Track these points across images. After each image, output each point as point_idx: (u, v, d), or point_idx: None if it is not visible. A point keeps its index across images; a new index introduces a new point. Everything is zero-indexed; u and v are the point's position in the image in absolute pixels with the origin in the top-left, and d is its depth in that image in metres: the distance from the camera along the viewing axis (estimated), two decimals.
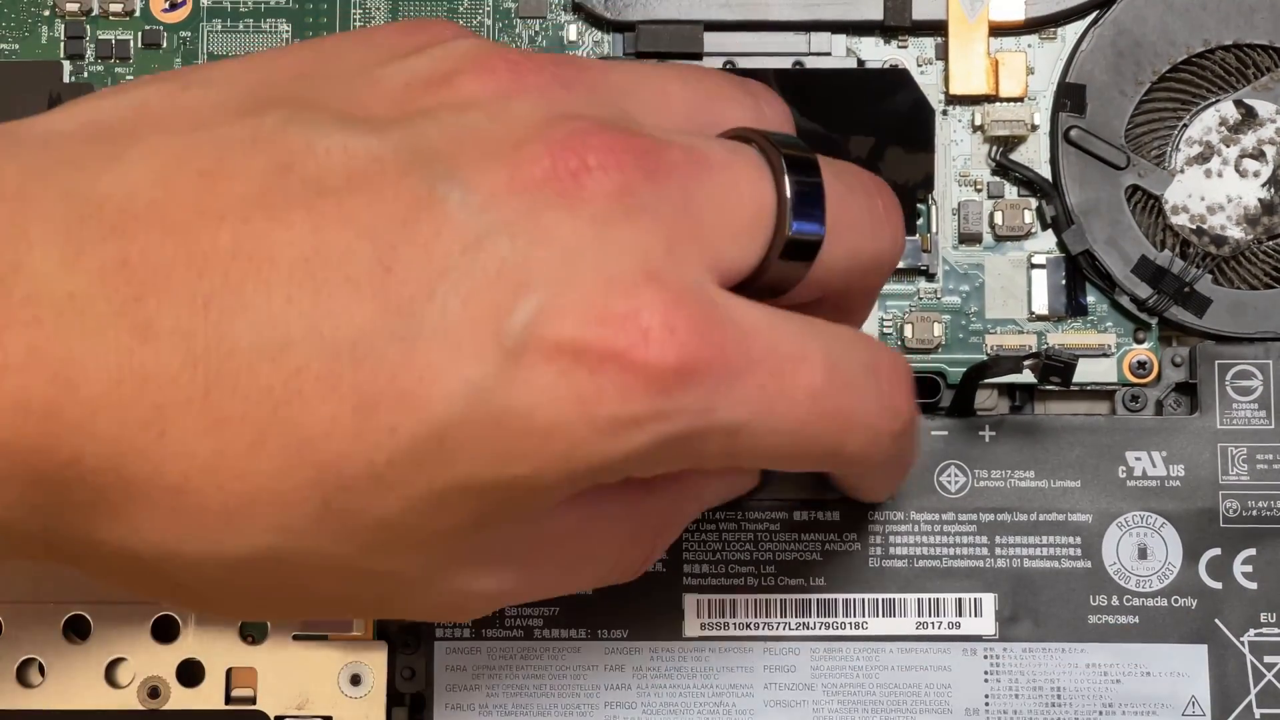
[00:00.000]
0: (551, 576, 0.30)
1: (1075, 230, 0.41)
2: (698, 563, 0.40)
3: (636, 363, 0.26)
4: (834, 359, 0.29)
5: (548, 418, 0.26)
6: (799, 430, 0.28)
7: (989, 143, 0.42)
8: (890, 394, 0.30)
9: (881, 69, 0.41)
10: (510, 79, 0.28)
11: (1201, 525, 0.40)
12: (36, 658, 0.39)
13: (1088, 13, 0.41)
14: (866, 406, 0.30)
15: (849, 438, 0.29)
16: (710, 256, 0.28)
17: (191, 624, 0.39)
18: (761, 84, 0.32)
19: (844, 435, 0.29)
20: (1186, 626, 0.39)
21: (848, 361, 0.29)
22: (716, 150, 0.29)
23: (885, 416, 0.30)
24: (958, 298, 0.41)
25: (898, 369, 0.31)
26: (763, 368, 0.28)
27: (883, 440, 0.30)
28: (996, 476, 0.40)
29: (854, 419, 0.29)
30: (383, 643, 0.40)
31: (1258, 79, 0.41)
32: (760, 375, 0.27)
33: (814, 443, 0.29)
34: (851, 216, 0.30)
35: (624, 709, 0.40)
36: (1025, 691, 0.39)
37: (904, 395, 0.31)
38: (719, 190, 0.28)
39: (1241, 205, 0.40)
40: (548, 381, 0.26)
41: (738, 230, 0.28)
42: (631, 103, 0.30)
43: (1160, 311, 0.41)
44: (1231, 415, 0.40)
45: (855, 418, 0.29)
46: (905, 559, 0.40)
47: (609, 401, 0.26)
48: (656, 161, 0.28)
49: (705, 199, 0.28)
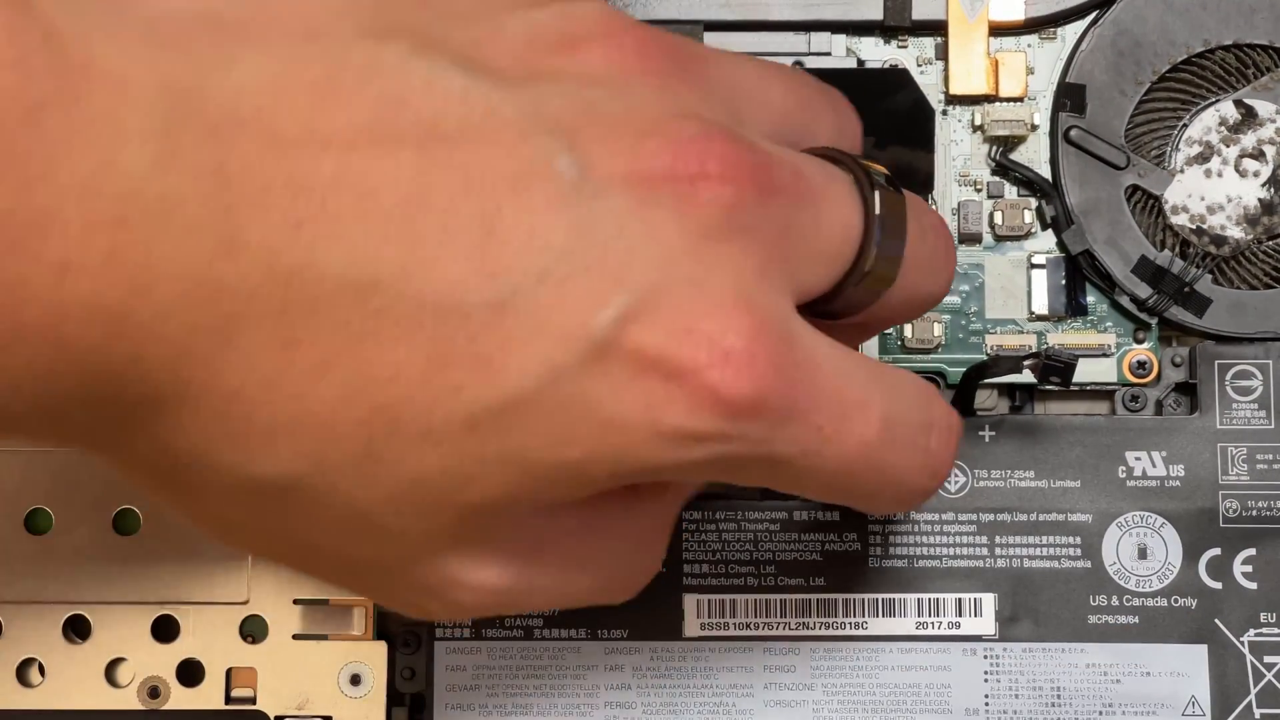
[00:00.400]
0: (547, 579, 0.30)
1: (1075, 230, 0.41)
2: (698, 563, 0.40)
3: (712, 384, 0.26)
4: (893, 413, 0.29)
5: (613, 414, 0.26)
6: (840, 474, 0.29)
7: (989, 143, 0.41)
8: (936, 455, 0.30)
9: (881, 69, 0.41)
10: (636, 59, 0.28)
11: (1201, 525, 0.40)
12: (36, 658, 0.39)
13: (1088, 13, 0.41)
14: (910, 464, 0.30)
15: (885, 490, 0.30)
16: (795, 281, 0.28)
17: (192, 624, 0.39)
18: (840, 94, 0.33)
19: (882, 488, 0.30)
20: (1186, 626, 0.39)
21: (905, 417, 0.29)
22: (817, 173, 0.29)
23: (924, 475, 0.30)
24: (958, 298, 0.41)
25: (951, 431, 0.31)
26: (825, 411, 0.28)
27: (915, 497, 0.31)
28: (996, 476, 0.40)
29: (895, 475, 0.30)
30: (383, 643, 0.40)
31: (1258, 79, 0.41)
32: (821, 418, 0.28)
33: (852, 488, 0.29)
34: (923, 255, 0.31)
35: (624, 709, 0.40)
36: (1025, 691, 0.39)
37: (948, 457, 0.31)
38: (816, 216, 0.28)
39: (1241, 205, 0.40)
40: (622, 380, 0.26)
41: (824, 257, 0.29)
42: (740, 101, 0.29)
43: (1160, 311, 0.41)
44: (1231, 415, 0.40)
45: (896, 474, 0.30)
46: (905, 559, 0.40)
47: (676, 414, 0.26)
48: (769, 180, 0.27)
49: (803, 223, 0.28)
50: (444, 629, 0.40)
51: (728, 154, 0.27)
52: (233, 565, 0.39)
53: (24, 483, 0.39)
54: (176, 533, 0.39)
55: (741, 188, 0.27)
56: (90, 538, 0.39)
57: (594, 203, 0.26)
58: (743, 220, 0.27)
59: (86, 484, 0.39)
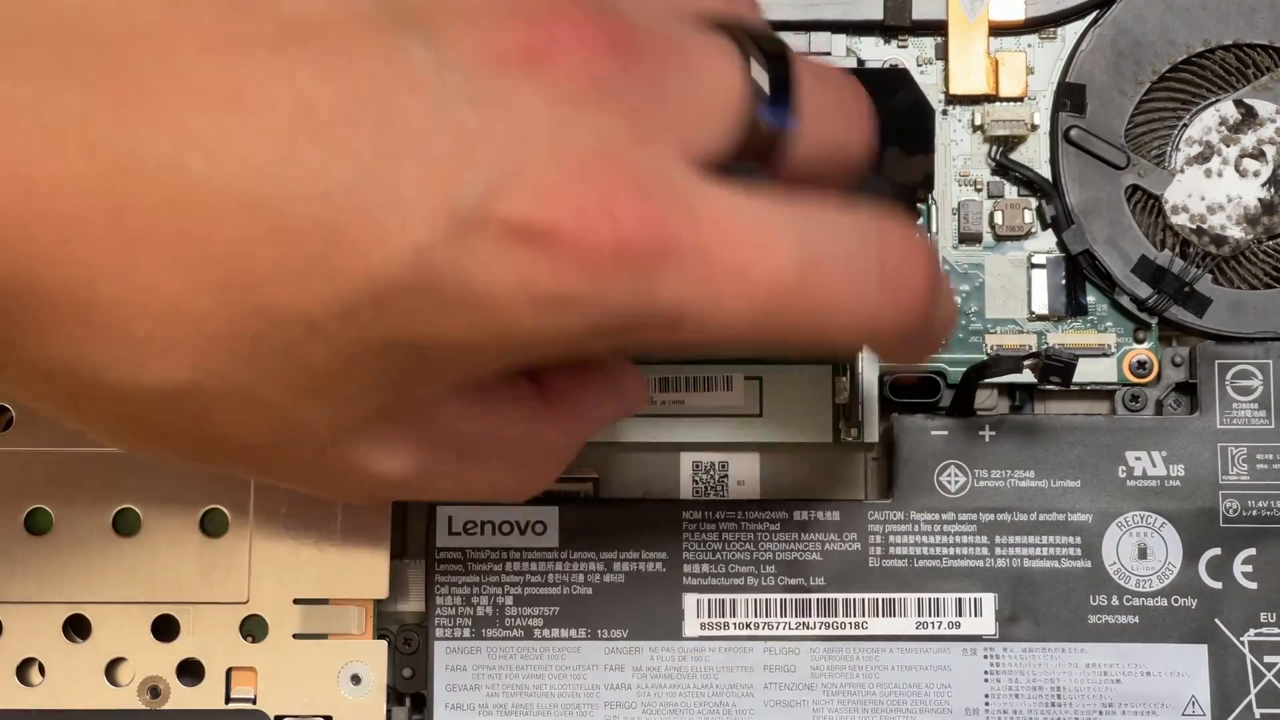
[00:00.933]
0: (447, 466, 0.31)
1: (1075, 230, 0.41)
2: (698, 563, 0.40)
3: (573, 239, 0.26)
4: (811, 248, 0.28)
5: (486, 289, 0.26)
6: (760, 321, 0.28)
7: (989, 142, 0.42)
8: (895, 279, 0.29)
9: (881, 69, 0.41)
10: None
11: (1201, 525, 0.40)
12: (36, 657, 0.39)
13: (1088, 12, 0.41)
14: (856, 297, 0.29)
15: (833, 328, 0.29)
16: (677, 140, 0.28)
17: (192, 624, 0.39)
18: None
19: (825, 326, 0.28)
20: (1186, 626, 0.39)
21: (836, 250, 0.28)
22: (691, 37, 0.29)
23: (886, 305, 0.29)
24: (958, 297, 0.41)
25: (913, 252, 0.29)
26: (715, 254, 0.27)
27: (887, 329, 0.29)
28: (996, 476, 0.40)
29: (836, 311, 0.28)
30: (383, 643, 0.40)
31: (1258, 79, 0.41)
32: (709, 261, 0.27)
33: (784, 332, 0.28)
34: (821, 108, 0.30)
35: (624, 709, 0.40)
36: (1025, 691, 0.39)
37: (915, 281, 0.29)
38: (691, 76, 0.28)
39: (1241, 205, 0.40)
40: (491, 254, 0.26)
41: (707, 116, 0.28)
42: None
43: (1160, 311, 0.41)
44: (1231, 415, 0.40)
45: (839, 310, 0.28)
46: (905, 559, 0.40)
47: (545, 277, 0.26)
48: (629, 45, 0.28)
49: (676, 84, 0.28)
50: (444, 629, 0.40)
51: (583, 25, 0.27)
52: (233, 565, 0.39)
53: (24, 483, 0.39)
54: (176, 533, 0.39)
55: (598, 54, 0.27)
56: (90, 538, 0.39)
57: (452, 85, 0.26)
58: (604, 86, 0.27)
59: (86, 484, 0.39)
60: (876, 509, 0.40)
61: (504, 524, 0.40)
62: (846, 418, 0.40)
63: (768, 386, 0.40)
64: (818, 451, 0.41)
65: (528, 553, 0.40)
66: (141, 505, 0.39)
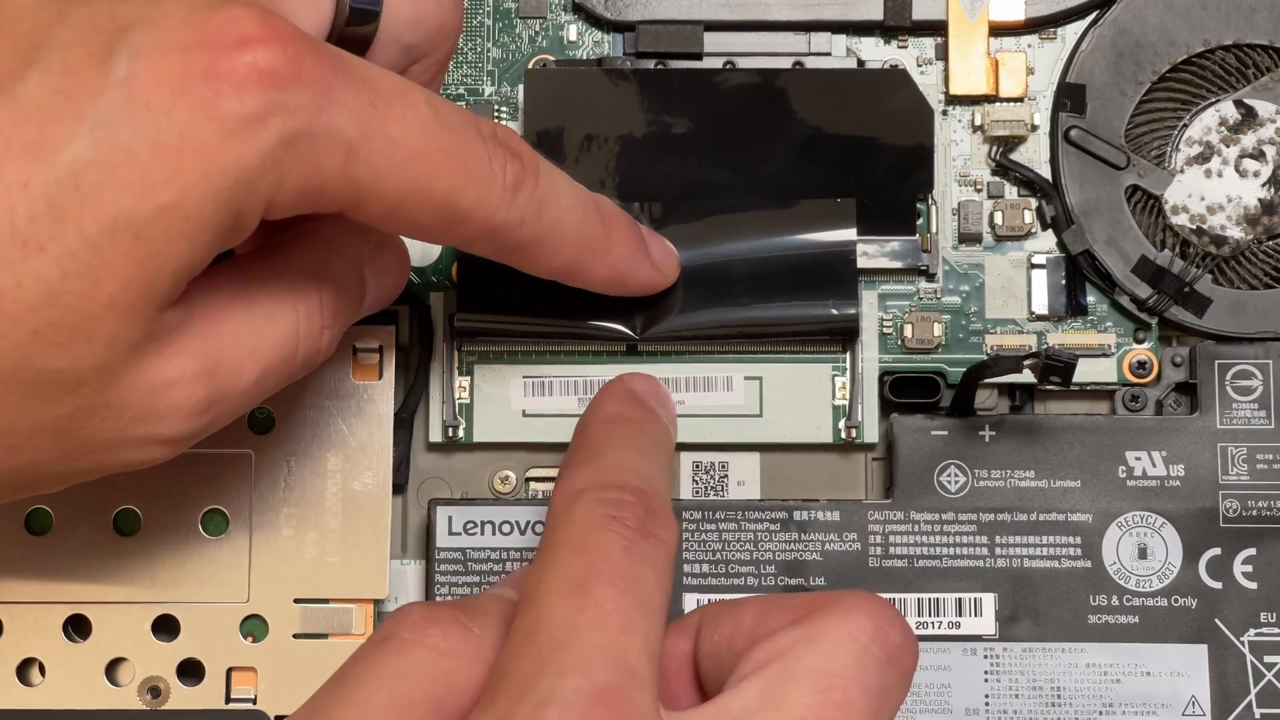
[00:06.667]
0: (223, 353, 0.31)
1: (1075, 230, 0.41)
2: (698, 563, 0.40)
3: (248, 59, 0.28)
4: (436, 103, 0.31)
5: (175, 132, 0.27)
6: (416, 164, 0.30)
7: (989, 143, 0.42)
8: (496, 150, 0.32)
9: (881, 69, 0.41)
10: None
11: (1201, 525, 0.40)
12: (37, 657, 0.39)
13: (1088, 13, 0.41)
14: (475, 154, 0.31)
15: (465, 183, 0.31)
16: (292, 11, 0.30)
17: (192, 624, 0.39)
18: None
19: (458, 179, 0.31)
20: (1186, 626, 0.39)
21: (449, 108, 0.31)
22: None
23: (496, 168, 0.32)
24: (958, 298, 0.41)
25: (503, 129, 0.33)
26: (369, 88, 0.30)
27: (495, 192, 0.32)
28: (996, 476, 0.40)
29: (464, 163, 0.31)
30: None
31: (1258, 79, 0.41)
32: (368, 94, 0.29)
33: (432, 181, 0.31)
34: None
35: None
36: (1025, 691, 0.39)
37: (513, 154, 0.32)
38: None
39: (1241, 205, 0.40)
40: (166, 100, 0.27)
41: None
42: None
43: (1160, 311, 0.41)
44: (1231, 415, 0.40)
45: (466, 162, 0.31)
46: (905, 559, 0.40)
47: (228, 100, 0.27)
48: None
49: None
50: None
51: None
52: (233, 565, 0.39)
53: None
54: (176, 533, 0.39)
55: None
56: (90, 538, 0.39)
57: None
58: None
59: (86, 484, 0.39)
60: (876, 509, 0.40)
61: (504, 524, 0.40)
62: (846, 418, 0.40)
63: (768, 386, 0.40)
64: (818, 451, 0.41)
65: (528, 553, 0.40)
66: (141, 505, 0.39)
